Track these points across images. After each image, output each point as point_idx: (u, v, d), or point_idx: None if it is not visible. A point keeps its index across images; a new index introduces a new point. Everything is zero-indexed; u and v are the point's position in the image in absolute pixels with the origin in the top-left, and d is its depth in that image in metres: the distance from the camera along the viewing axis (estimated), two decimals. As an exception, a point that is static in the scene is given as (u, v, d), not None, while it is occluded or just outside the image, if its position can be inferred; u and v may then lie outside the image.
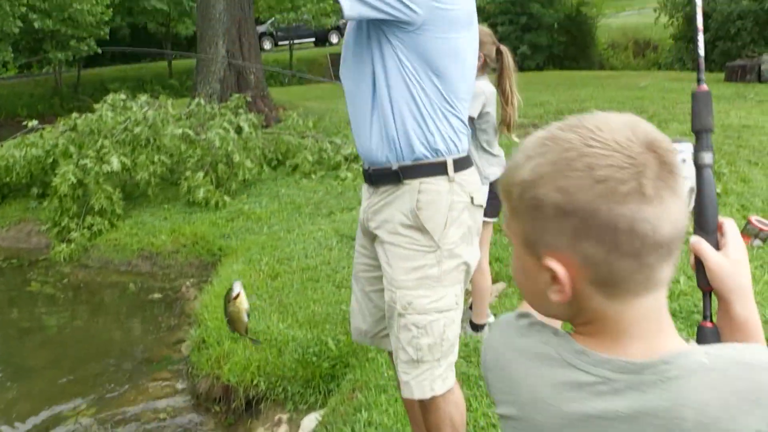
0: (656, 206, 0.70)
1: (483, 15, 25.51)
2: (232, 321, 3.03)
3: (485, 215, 3.10)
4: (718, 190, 5.02)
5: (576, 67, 22.75)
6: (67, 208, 6.39)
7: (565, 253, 0.73)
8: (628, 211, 0.69)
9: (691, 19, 19.64)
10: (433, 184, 1.93)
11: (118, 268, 6.03)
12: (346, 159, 7.28)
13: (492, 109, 3.03)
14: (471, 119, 2.96)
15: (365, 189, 2.10)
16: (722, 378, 0.71)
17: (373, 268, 2.09)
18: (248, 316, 3.04)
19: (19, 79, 26.89)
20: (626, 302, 0.74)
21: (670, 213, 0.71)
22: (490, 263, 3.63)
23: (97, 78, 25.05)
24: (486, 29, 3.02)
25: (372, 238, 2.05)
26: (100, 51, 22.03)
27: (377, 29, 1.87)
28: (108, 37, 22.71)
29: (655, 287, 0.75)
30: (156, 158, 6.73)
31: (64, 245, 6.26)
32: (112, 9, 22.15)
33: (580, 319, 0.79)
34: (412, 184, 1.92)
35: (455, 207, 1.95)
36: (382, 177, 1.97)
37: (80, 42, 21.72)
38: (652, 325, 0.76)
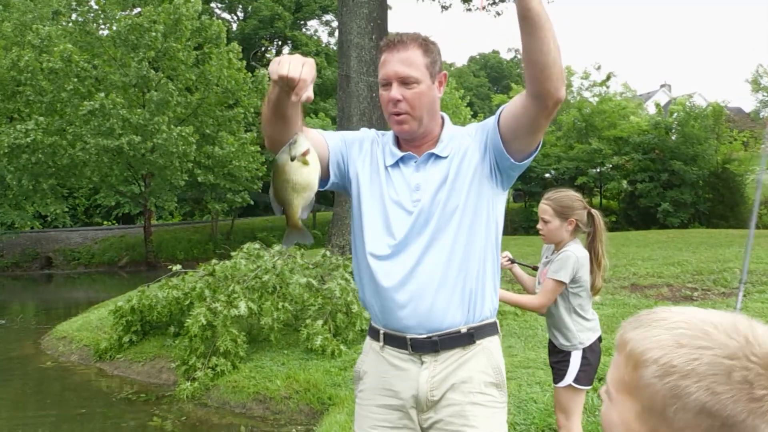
0: None
1: (622, 172, 25.36)
2: (293, 187, 1.75)
3: (579, 383, 2.98)
4: None
5: (725, 226, 21.70)
6: (196, 348, 6.77)
7: None
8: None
9: None
10: (495, 342, 2.03)
11: (234, 410, 6.20)
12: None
13: (585, 273, 2.97)
14: (563, 284, 2.93)
15: (402, 361, 1.96)
16: None
17: None
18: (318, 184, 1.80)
19: (181, 226, 29.66)
20: None
21: None
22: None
23: (248, 227, 27.11)
24: (575, 194, 3.05)
25: (428, 408, 1.95)
26: (252, 203, 24.06)
27: (491, 181, 1.97)
28: (260, 190, 24.83)
29: None
30: (281, 305, 7.06)
31: (188, 383, 6.57)
32: (266, 165, 24.38)
33: None
34: (483, 343, 1.98)
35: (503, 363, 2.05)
36: (451, 342, 1.94)
37: (236, 194, 23.89)
38: None
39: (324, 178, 2.02)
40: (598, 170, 26.19)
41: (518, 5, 1.66)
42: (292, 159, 1.74)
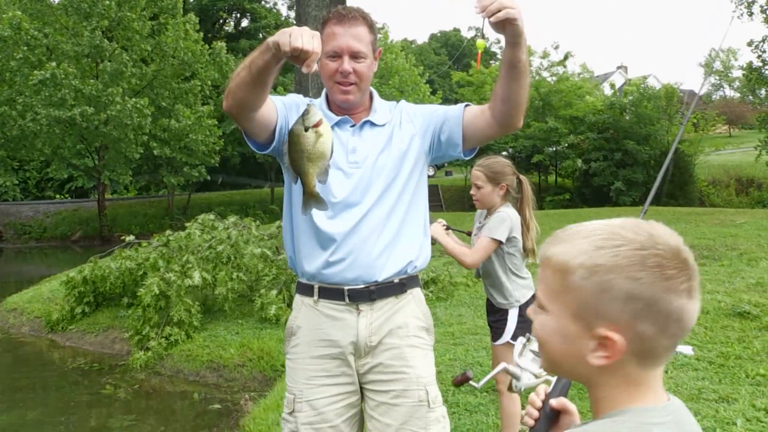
0: (695, 303, 0.92)
1: (577, 151, 25.82)
2: (308, 157, 1.87)
3: (516, 338, 3.12)
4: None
5: (675, 204, 22.29)
6: (149, 318, 6.77)
7: (622, 328, 0.91)
8: (681, 304, 0.90)
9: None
10: (420, 291, 2.22)
11: (187, 378, 6.26)
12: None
13: (518, 234, 3.11)
14: (499, 243, 3.06)
15: (338, 312, 2.07)
16: None
17: (350, 393, 2.09)
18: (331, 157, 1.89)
19: (137, 200, 29.21)
20: (651, 370, 0.95)
21: (698, 308, 0.93)
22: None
23: (205, 202, 26.82)
24: (505, 160, 3.18)
25: (366, 353, 2.07)
26: (209, 178, 23.83)
27: (427, 156, 2.18)
28: (218, 165, 24.57)
29: (668, 360, 0.97)
30: (235, 275, 7.10)
31: (142, 353, 6.59)
32: (223, 139, 24.11)
33: (605, 381, 0.96)
34: (413, 292, 2.17)
35: None
36: (386, 291, 2.09)
37: (192, 168, 23.59)
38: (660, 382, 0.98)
39: (268, 142, 2.09)
40: (554, 149, 26.61)
41: (510, 56, 1.87)
42: (306, 130, 1.85)
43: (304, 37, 1.70)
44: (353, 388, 2.10)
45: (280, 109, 2.09)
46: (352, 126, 2.15)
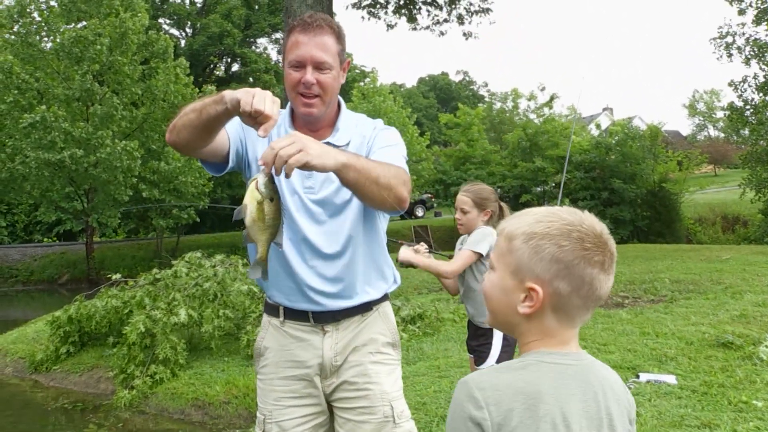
0: (607, 276, 1.17)
1: (565, 190, 26.07)
2: (260, 228, 1.72)
3: (500, 362, 3.14)
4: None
5: (662, 242, 22.43)
6: (134, 356, 6.72)
7: (545, 283, 1.15)
8: (594, 272, 1.15)
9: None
10: (388, 306, 2.22)
11: (172, 416, 6.19)
12: (403, 320, 7.40)
13: None
14: (480, 256, 3.12)
15: (304, 333, 2.07)
16: None
17: (318, 414, 2.10)
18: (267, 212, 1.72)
19: (125, 243, 29.06)
20: (566, 327, 1.19)
21: (609, 283, 1.18)
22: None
23: (194, 244, 26.64)
24: (490, 188, 3.28)
25: (331, 373, 2.07)
26: (198, 220, 23.77)
27: None
28: (207, 207, 24.57)
29: (581, 323, 1.21)
30: (221, 312, 7.07)
31: (126, 392, 6.52)
32: (213, 181, 24.15)
33: (528, 329, 1.19)
34: (379, 309, 2.17)
35: None
36: (351, 311, 2.08)
37: (182, 211, 23.58)
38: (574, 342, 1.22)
39: (222, 163, 2.05)
40: (542, 188, 26.87)
41: (338, 177, 1.78)
42: (262, 195, 1.71)
43: (266, 101, 1.67)
44: (321, 408, 2.10)
45: (232, 131, 2.03)
46: None
